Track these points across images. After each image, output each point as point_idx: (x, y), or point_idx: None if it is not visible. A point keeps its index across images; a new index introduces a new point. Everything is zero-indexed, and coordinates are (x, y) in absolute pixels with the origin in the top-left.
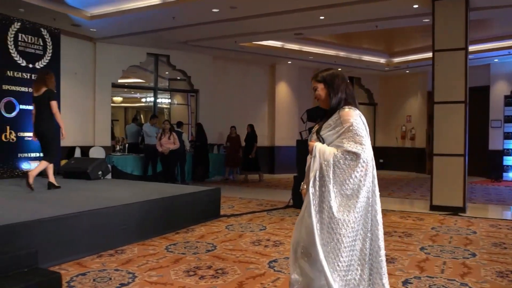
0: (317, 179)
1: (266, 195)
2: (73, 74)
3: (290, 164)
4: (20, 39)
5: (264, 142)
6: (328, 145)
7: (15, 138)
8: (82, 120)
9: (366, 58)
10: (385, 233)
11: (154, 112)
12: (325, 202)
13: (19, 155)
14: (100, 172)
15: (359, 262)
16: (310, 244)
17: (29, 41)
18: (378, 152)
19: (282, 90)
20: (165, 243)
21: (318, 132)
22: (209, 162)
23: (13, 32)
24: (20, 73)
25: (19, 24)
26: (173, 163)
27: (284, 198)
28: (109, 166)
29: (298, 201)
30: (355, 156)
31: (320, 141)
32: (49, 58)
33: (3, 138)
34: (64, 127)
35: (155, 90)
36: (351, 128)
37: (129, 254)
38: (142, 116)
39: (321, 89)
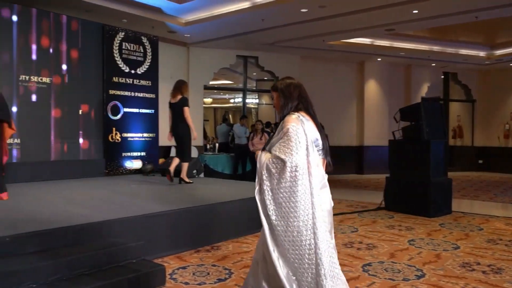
0: (258, 187)
1: (356, 196)
2: (169, 78)
3: (379, 164)
4: (124, 47)
5: (353, 142)
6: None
7: (119, 139)
8: None
9: (463, 51)
10: (488, 241)
11: (243, 113)
12: (267, 210)
13: (123, 154)
14: (194, 171)
15: (308, 271)
16: (266, 250)
17: (132, 49)
18: (477, 152)
19: (371, 88)
20: (247, 244)
21: (267, 142)
22: None
23: (118, 41)
24: (124, 79)
25: (123, 33)
26: None
27: (375, 199)
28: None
29: (390, 203)
30: (282, 162)
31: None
32: (148, 64)
33: (109, 138)
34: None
35: (244, 91)
36: (286, 133)
37: (224, 250)
38: (230, 116)
39: (276, 98)
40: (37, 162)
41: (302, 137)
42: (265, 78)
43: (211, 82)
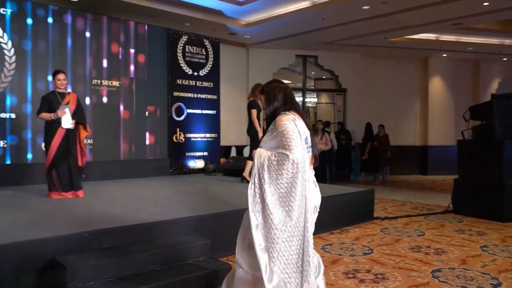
0: (256, 182)
1: (421, 198)
2: (229, 78)
3: (445, 164)
4: (187, 50)
5: (416, 141)
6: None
7: (183, 139)
8: (238, 121)
9: None
10: None
11: None
12: (264, 202)
13: (187, 154)
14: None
15: (297, 261)
16: (251, 240)
17: (194, 51)
18: None
19: (436, 85)
20: (320, 242)
21: (260, 140)
22: (352, 162)
23: (182, 45)
24: (187, 81)
25: (186, 37)
26: (323, 163)
27: (442, 201)
28: None
29: (459, 206)
30: (285, 156)
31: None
32: (210, 66)
33: (174, 139)
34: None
35: (304, 91)
36: (282, 131)
37: None
38: None
39: (263, 100)
40: (108, 161)
41: (296, 133)
42: (324, 77)
43: None
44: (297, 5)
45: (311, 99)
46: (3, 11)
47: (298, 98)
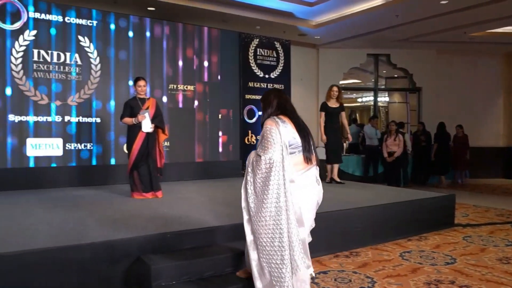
0: (245, 179)
1: (507, 204)
2: (299, 80)
3: None
4: (258, 53)
5: (499, 142)
6: None
7: (255, 141)
8: (307, 122)
9: None
10: None
11: (374, 113)
12: (248, 200)
13: None
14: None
15: (281, 255)
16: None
17: (265, 54)
18: None
19: None
20: (398, 249)
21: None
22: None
23: (253, 48)
24: (258, 83)
25: (257, 40)
26: (397, 165)
27: None
28: None
29: None
30: (259, 157)
31: None
32: (281, 68)
33: (246, 141)
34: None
35: (375, 90)
36: (262, 134)
37: (364, 257)
38: (357, 115)
39: (262, 107)
40: (183, 163)
41: (277, 136)
42: (396, 76)
43: (340, 82)
44: (369, 3)
45: (382, 98)
46: (90, 23)
47: (369, 98)
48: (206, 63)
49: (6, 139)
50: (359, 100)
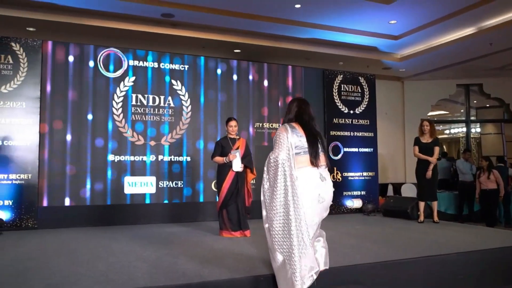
0: (262, 181)
1: None
2: (384, 114)
3: None
4: (342, 89)
5: None
6: None
7: (340, 178)
8: (393, 157)
9: None
10: None
11: (466, 146)
12: (265, 196)
13: (344, 193)
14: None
15: (290, 240)
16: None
17: (350, 90)
18: None
19: None
20: None
21: None
22: None
23: (337, 84)
24: (343, 120)
25: (341, 76)
26: (494, 203)
27: None
28: None
29: None
30: (270, 157)
31: None
32: (366, 103)
33: (331, 178)
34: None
35: (468, 122)
36: (274, 138)
37: None
38: (445, 147)
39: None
40: None
41: (284, 140)
42: (487, 106)
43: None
44: (460, 33)
45: (473, 129)
46: (182, 67)
47: (457, 129)
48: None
49: (106, 177)
50: (447, 132)
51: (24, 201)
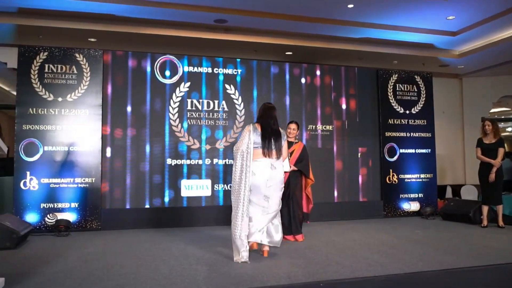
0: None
1: None
2: (441, 113)
3: None
4: (397, 89)
5: None
6: None
7: (397, 180)
8: (452, 158)
9: None
10: None
11: None
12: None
13: (401, 195)
14: (482, 216)
15: (236, 208)
16: None
17: (405, 89)
18: None
19: None
20: None
21: None
22: None
23: (392, 83)
24: (399, 120)
25: (396, 75)
26: None
27: None
28: None
29: None
30: (234, 149)
31: None
32: (423, 102)
33: (387, 180)
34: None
35: None
36: (240, 134)
37: None
38: (506, 146)
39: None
40: (323, 203)
41: (246, 136)
42: None
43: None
44: None
45: None
46: (235, 71)
47: None
48: (344, 102)
49: (164, 181)
50: (509, 129)
51: (88, 204)
